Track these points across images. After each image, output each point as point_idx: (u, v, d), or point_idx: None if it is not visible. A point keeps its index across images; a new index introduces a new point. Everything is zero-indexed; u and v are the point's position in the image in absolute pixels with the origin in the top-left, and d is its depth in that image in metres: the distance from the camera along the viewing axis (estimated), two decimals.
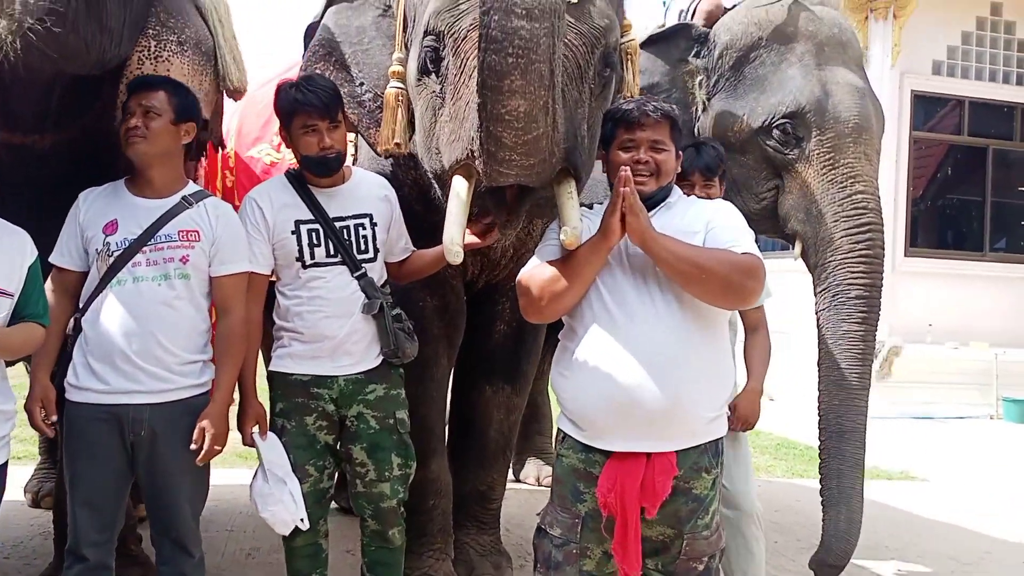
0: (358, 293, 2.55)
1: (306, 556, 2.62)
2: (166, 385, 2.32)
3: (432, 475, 3.02)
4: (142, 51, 2.48)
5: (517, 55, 1.84)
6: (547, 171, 2.08)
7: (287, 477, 2.50)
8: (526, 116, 1.91)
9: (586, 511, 2.06)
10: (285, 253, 2.54)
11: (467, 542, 3.23)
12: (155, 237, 2.33)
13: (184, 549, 2.39)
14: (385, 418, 2.61)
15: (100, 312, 2.31)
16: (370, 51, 2.83)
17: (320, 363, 2.54)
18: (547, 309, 2.11)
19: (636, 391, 1.98)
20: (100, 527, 2.33)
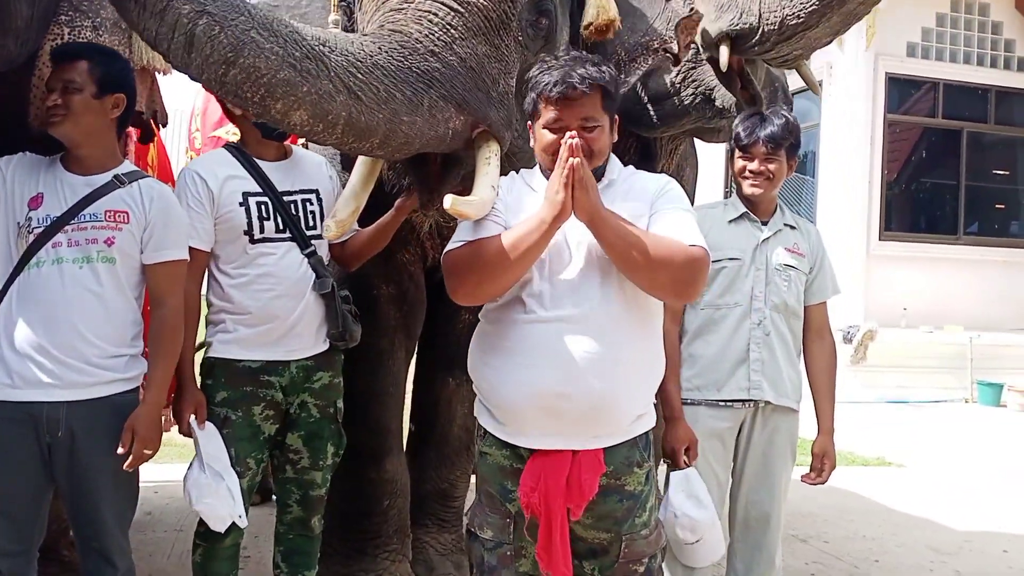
0: (309, 272, 2.40)
1: (228, 558, 2.45)
2: (87, 379, 2.12)
3: (388, 475, 2.85)
4: (55, 39, 2.29)
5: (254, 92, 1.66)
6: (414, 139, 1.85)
7: (225, 472, 2.32)
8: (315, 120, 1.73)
9: (517, 510, 1.89)
10: (231, 227, 2.36)
11: (427, 541, 3.08)
12: (79, 216, 2.14)
13: (109, 561, 2.19)
14: (326, 407, 2.49)
15: (15, 296, 2.12)
16: (307, 15, 2.66)
17: (271, 349, 2.38)
18: (479, 292, 1.89)
19: (566, 386, 1.80)
20: (14, 537, 2.13)
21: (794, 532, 4.11)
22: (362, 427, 2.67)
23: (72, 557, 2.87)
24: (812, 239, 2.65)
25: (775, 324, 2.54)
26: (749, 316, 2.51)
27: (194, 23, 1.58)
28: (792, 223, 2.63)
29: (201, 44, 1.59)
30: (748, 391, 2.50)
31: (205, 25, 1.57)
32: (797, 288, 2.57)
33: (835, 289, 2.69)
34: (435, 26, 1.90)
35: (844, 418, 3.07)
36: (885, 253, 9.26)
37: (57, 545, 2.72)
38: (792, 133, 2.53)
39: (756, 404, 2.53)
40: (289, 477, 2.50)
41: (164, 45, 1.62)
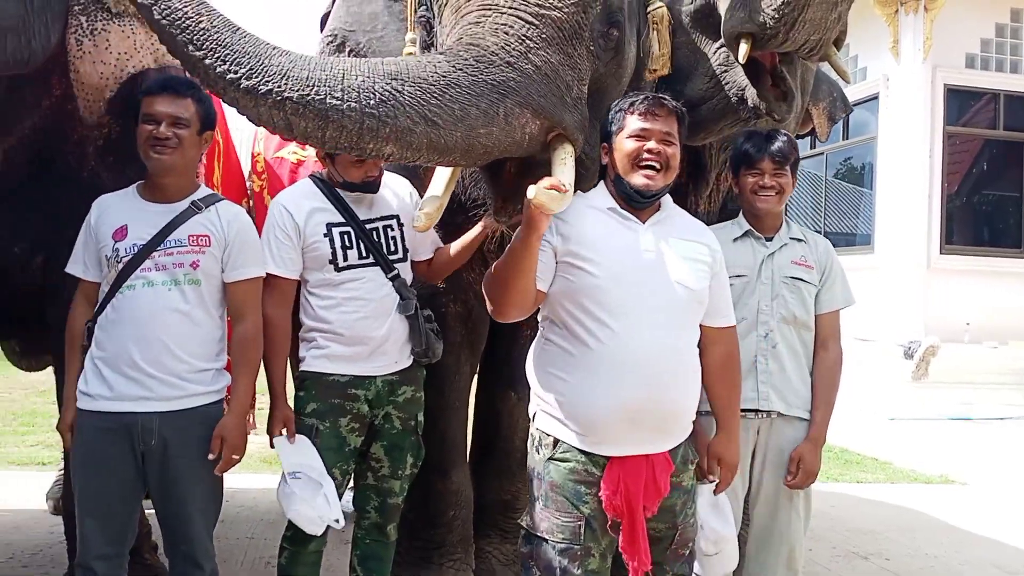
0: (393, 294, 2.55)
1: (311, 563, 2.58)
2: (177, 393, 2.27)
3: (453, 486, 2.95)
4: (74, 31, 2.38)
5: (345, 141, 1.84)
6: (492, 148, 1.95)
7: (322, 479, 2.45)
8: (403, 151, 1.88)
9: (589, 512, 2.04)
10: (317, 256, 2.51)
11: (490, 551, 3.16)
12: (164, 242, 2.29)
13: (196, 563, 2.33)
14: (408, 420, 2.63)
15: (110, 319, 2.28)
16: (384, 38, 2.76)
17: (359, 364, 2.52)
18: (501, 308, 2.10)
19: (648, 398, 2.01)
20: (109, 539, 2.28)
21: (855, 549, 4.09)
22: (429, 440, 2.75)
23: (154, 560, 3.02)
24: (820, 251, 2.69)
25: (784, 336, 2.59)
26: (756, 329, 2.57)
27: (283, 108, 1.76)
28: (800, 236, 2.69)
29: (296, 124, 1.78)
30: (757, 401, 2.56)
31: (292, 109, 1.76)
32: (805, 300, 2.62)
33: (847, 300, 2.70)
34: (511, 38, 1.98)
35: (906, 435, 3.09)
36: (946, 267, 9.10)
37: (140, 549, 2.84)
38: (795, 150, 2.65)
39: (768, 415, 2.57)
40: (369, 484, 2.63)
41: (270, 128, 1.83)
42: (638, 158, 2.07)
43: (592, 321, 2.03)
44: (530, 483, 2.15)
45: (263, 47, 1.77)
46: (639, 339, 2.01)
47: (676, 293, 2.07)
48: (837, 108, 3.68)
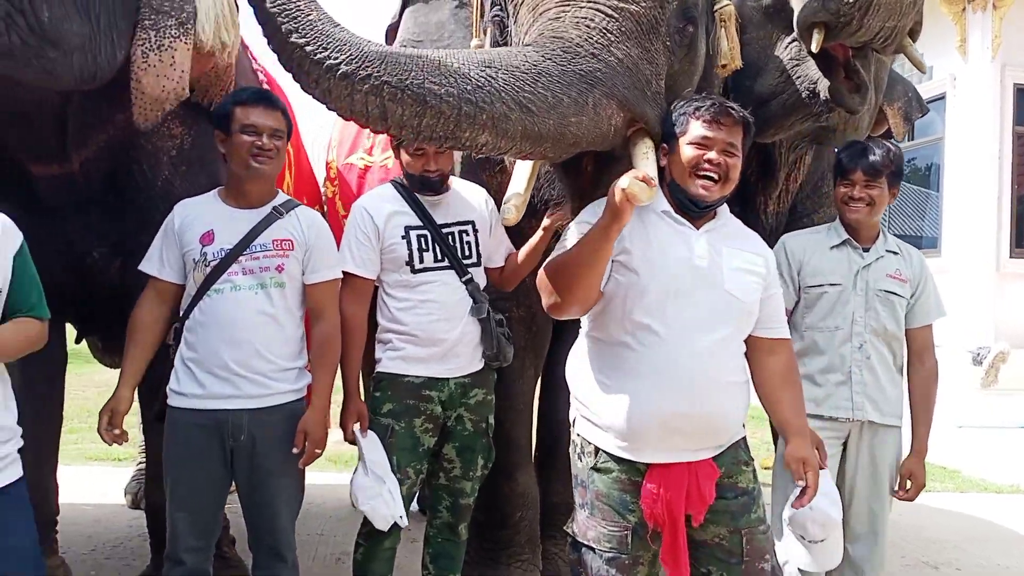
0: (466, 297, 2.61)
1: (386, 560, 2.65)
2: (265, 391, 2.36)
3: (520, 488, 3.00)
4: (142, 43, 2.43)
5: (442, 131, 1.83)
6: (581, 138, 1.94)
7: (386, 476, 2.53)
8: (498, 139, 1.87)
9: (635, 521, 2.01)
10: (395, 258, 2.59)
11: (556, 552, 3.19)
12: (250, 247, 2.38)
13: (279, 555, 2.42)
14: (479, 422, 2.68)
15: (199, 321, 2.37)
16: (451, 46, 2.80)
17: (432, 366, 2.59)
18: (564, 303, 2.03)
19: (690, 407, 1.97)
20: (198, 533, 2.38)
21: (926, 559, 4.02)
22: (495, 442, 2.79)
23: (232, 554, 3.13)
24: (915, 264, 2.69)
25: (875, 347, 2.60)
26: (850, 340, 2.58)
27: (380, 94, 1.76)
28: (895, 249, 2.68)
29: (393, 111, 1.78)
30: (851, 411, 2.58)
31: (389, 94, 1.76)
32: (897, 313, 2.63)
33: (940, 312, 2.71)
34: (593, 31, 1.98)
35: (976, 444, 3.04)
36: (1016, 270, 8.84)
37: (220, 543, 2.93)
38: (893, 162, 2.59)
39: (860, 422, 2.59)
40: (441, 484, 2.70)
41: (363, 119, 1.82)
42: (697, 167, 2.02)
43: (635, 325, 2.00)
44: (575, 489, 2.14)
45: (363, 40, 1.80)
46: (682, 346, 1.97)
47: (725, 302, 2.02)
48: (913, 108, 3.61)
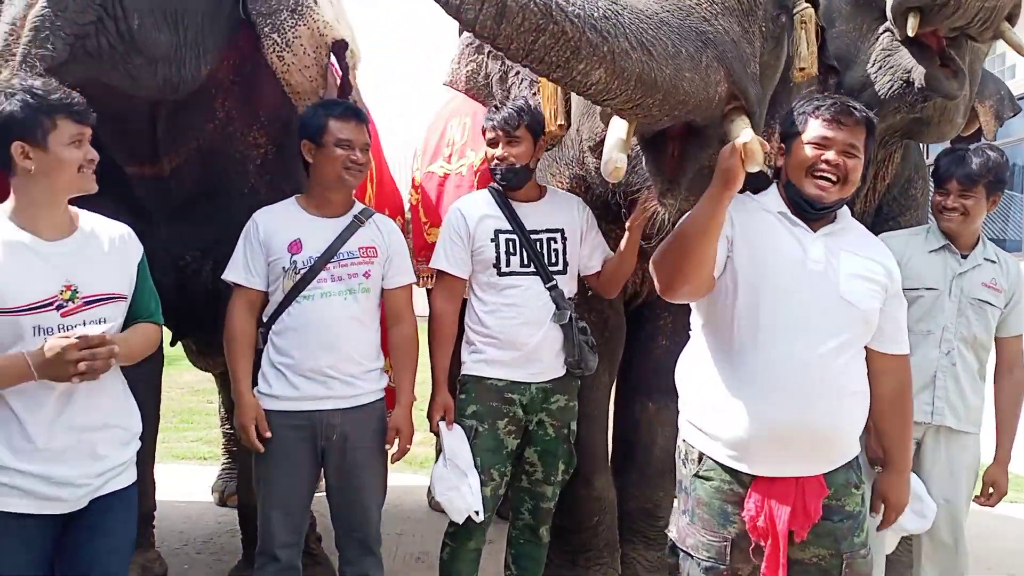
0: (549, 303, 2.66)
1: (470, 560, 2.72)
2: (354, 391, 2.48)
3: (596, 492, 3.03)
4: (273, 50, 2.53)
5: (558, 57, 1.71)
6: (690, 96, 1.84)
7: (468, 470, 2.60)
8: (612, 78, 1.75)
9: (736, 533, 1.97)
10: (483, 260, 2.67)
11: (635, 557, 3.21)
12: (338, 254, 2.48)
13: (368, 549, 2.53)
14: (561, 427, 2.73)
15: (289, 325, 2.47)
16: None
17: (514, 370, 2.65)
18: (674, 281, 1.95)
19: (799, 419, 1.90)
20: (291, 529, 2.49)
21: (1013, 571, 3.91)
22: None
23: (319, 550, 3.24)
24: (1011, 274, 2.65)
25: (962, 355, 2.58)
26: (939, 345, 2.56)
27: None
28: (993, 257, 2.64)
29: (512, 14, 1.62)
30: (930, 416, 2.56)
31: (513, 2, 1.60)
32: (988, 323, 2.60)
33: None
34: None
35: None
36: None
37: (308, 539, 3.03)
38: (991, 171, 2.54)
39: (936, 426, 2.57)
40: (523, 487, 2.76)
41: (471, 15, 1.63)
42: (814, 167, 1.96)
43: (744, 330, 1.96)
44: (678, 494, 2.13)
45: None
46: (793, 355, 1.90)
47: (841, 310, 1.94)
48: (1005, 107, 3.51)
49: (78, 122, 1.86)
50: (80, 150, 1.87)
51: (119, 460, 1.97)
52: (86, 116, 1.88)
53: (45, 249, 1.88)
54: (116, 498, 1.96)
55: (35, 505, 1.84)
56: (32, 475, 1.82)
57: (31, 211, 1.88)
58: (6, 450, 1.82)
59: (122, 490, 1.98)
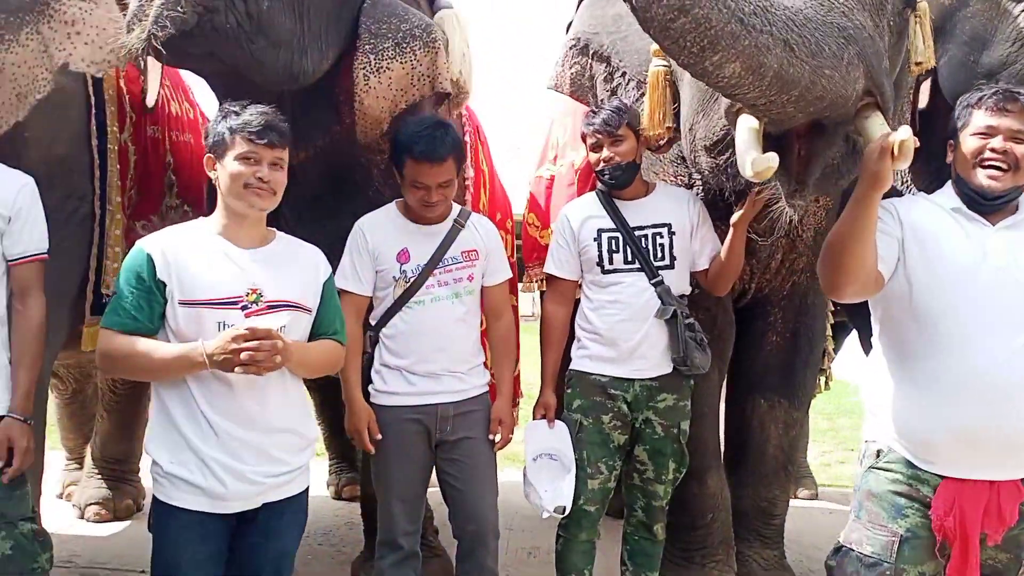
0: (654, 299, 2.66)
1: (583, 552, 2.76)
2: (465, 385, 2.58)
3: (710, 490, 3.03)
4: (363, 67, 2.60)
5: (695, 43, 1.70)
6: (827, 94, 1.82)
7: (570, 467, 2.66)
8: (747, 72, 1.75)
9: (905, 529, 1.92)
10: (588, 259, 2.72)
11: (751, 556, 3.19)
12: (443, 260, 2.57)
13: (483, 541, 2.60)
14: (670, 427, 2.73)
15: (401, 330, 2.57)
16: (629, 38, 2.85)
17: (617, 366, 2.68)
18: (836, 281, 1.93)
19: (991, 421, 1.84)
20: (411, 519, 2.60)
21: None
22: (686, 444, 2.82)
23: (435, 541, 3.33)
24: None
25: None
26: None
27: None
28: None
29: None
30: None
31: None
32: None
33: None
34: None
35: None
36: None
37: (426, 531, 3.13)
38: None
39: None
40: (635, 485, 2.79)
41: None
42: (981, 157, 1.93)
43: (926, 329, 1.92)
44: (853, 499, 2.07)
45: None
46: (980, 353, 1.85)
47: None
48: None
49: (251, 141, 1.99)
50: (249, 168, 2.00)
51: (294, 465, 2.05)
52: (263, 136, 1.99)
53: (237, 254, 2.02)
54: (288, 503, 2.04)
55: (209, 504, 1.94)
56: (209, 466, 1.93)
57: (226, 220, 2.05)
58: (192, 434, 1.94)
59: (294, 496, 2.06)
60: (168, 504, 1.96)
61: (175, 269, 1.96)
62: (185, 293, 1.95)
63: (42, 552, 2.14)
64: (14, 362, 2.17)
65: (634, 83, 2.85)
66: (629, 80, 2.88)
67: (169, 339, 1.97)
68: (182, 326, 1.95)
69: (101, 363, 2.05)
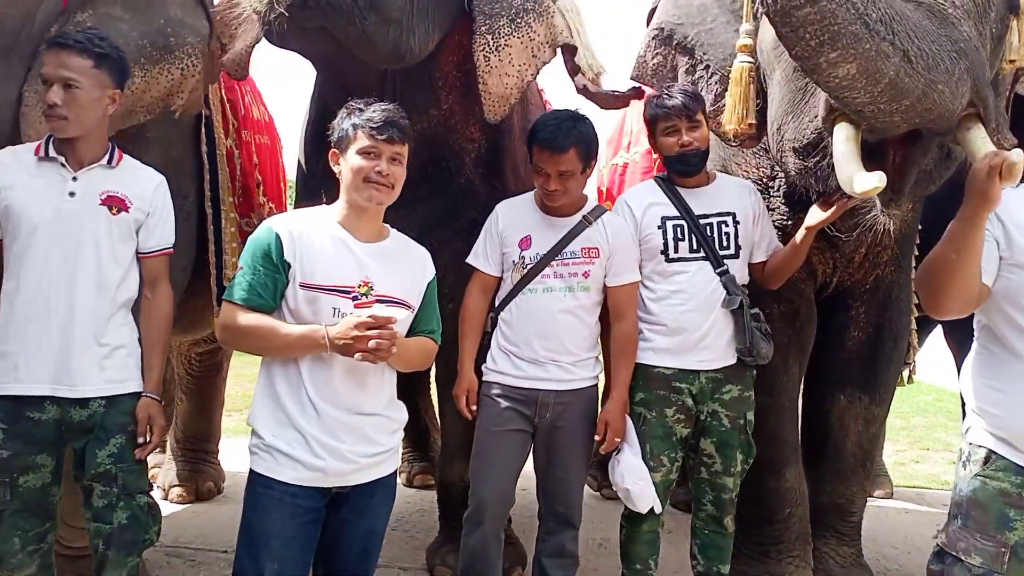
0: (720, 289, 2.64)
1: (647, 543, 2.75)
2: (568, 376, 2.61)
3: (787, 484, 3.00)
4: (483, 48, 2.65)
5: (814, 36, 1.68)
6: (935, 107, 1.79)
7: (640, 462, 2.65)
8: (861, 75, 1.73)
9: (1017, 540, 1.86)
10: (650, 247, 2.69)
11: (827, 552, 3.15)
12: (562, 253, 2.60)
13: (569, 522, 2.65)
14: (736, 418, 2.70)
15: (514, 313, 2.64)
16: (714, 30, 2.83)
17: (681, 357, 2.65)
18: (939, 301, 1.89)
19: None
20: (500, 499, 2.64)
21: None
22: (760, 439, 2.81)
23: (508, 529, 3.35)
24: None
25: None
26: None
27: None
28: None
29: None
30: None
31: None
32: None
33: None
34: (945, 1, 1.87)
35: None
36: None
37: None
38: None
39: None
40: (703, 478, 2.76)
41: None
42: None
43: None
44: (952, 499, 2.02)
45: None
46: None
47: None
48: None
49: (372, 136, 2.06)
50: (369, 162, 2.07)
51: (387, 446, 2.12)
52: (383, 132, 2.06)
53: (355, 247, 2.09)
54: (379, 484, 2.11)
55: (306, 477, 2.00)
56: (309, 443, 1.99)
57: (347, 212, 2.12)
58: (295, 411, 2.01)
59: (385, 477, 2.13)
60: (265, 476, 2.02)
61: (299, 251, 2.04)
62: (306, 276, 2.02)
63: (152, 524, 2.31)
64: (146, 347, 2.32)
65: (717, 77, 2.82)
66: (712, 73, 2.84)
67: (285, 319, 2.04)
68: (301, 307, 2.03)
69: (221, 335, 2.12)
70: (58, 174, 2.22)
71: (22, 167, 2.21)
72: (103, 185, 2.25)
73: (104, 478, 2.22)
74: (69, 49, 2.17)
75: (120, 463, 2.21)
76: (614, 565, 3.39)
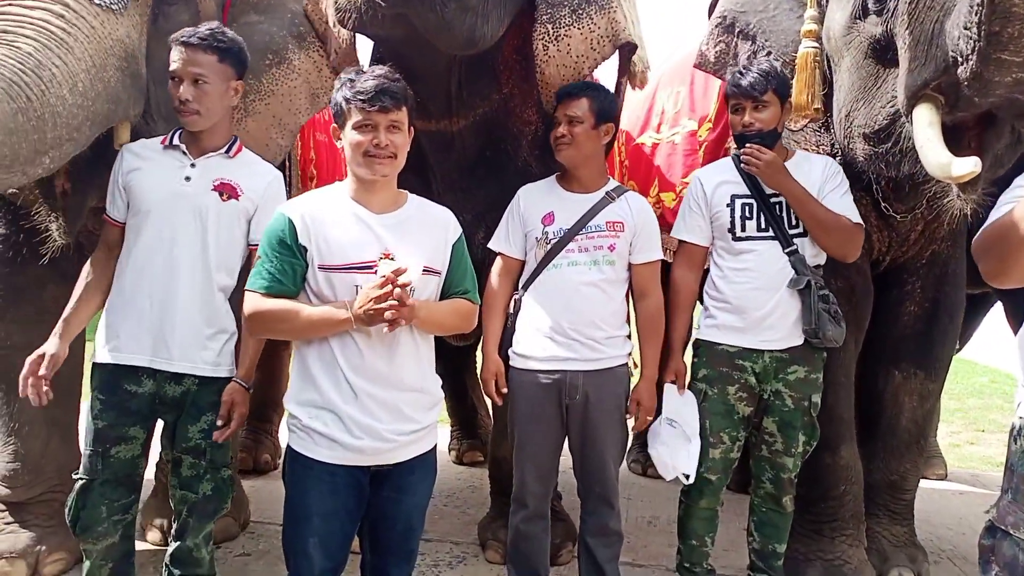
0: (787, 268, 2.61)
1: (704, 519, 2.76)
2: (597, 355, 2.60)
3: (843, 461, 2.97)
4: (542, 37, 2.66)
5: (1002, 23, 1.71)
6: None
7: (693, 436, 2.66)
8: None
9: None
10: (719, 225, 2.69)
11: (880, 531, 3.13)
12: (586, 227, 2.60)
13: (608, 501, 2.65)
14: (801, 399, 2.68)
15: (539, 292, 2.64)
16: (776, 17, 2.82)
17: (745, 336, 2.64)
18: (1006, 267, 1.79)
19: None
20: (541, 479, 2.67)
21: None
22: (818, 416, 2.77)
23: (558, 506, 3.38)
24: None
25: None
26: None
27: None
28: None
29: None
30: None
31: None
32: None
33: None
34: None
35: None
36: None
37: None
38: None
39: None
40: (763, 456, 2.76)
41: None
42: None
43: None
44: (1004, 474, 1.94)
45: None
46: None
47: None
48: None
49: (363, 109, 2.01)
50: (366, 136, 2.03)
51: (424, 423, 2.09)
52: (374, 102, 2.00)
53: (371, 220, 2.06)
54: (419, 460, 2.10)
55: (344, 456, 2.01)
56: (345, 423, 2.00)
57: (358, 186, 2.09)
58: (331, 390, 2.01)
59: (424, 454, 2.12)
60: (304, 456, 2.04)
61: (314, 234, 2.02)
62: (323, 258, 2.01)
63: (230, 495, 2.45)
64: (244, 334, 2.35)
65: (779, 64, 2.80)
66: (774, 59, 2.83)
67: (311, 301, 2.04)
68: (323, 288, 2.03)
69: (248, 324, 2.12)
70: (178, 160, 2.32)
71: (149, 154, 2.33)
72: (218, 172, 2.33)
73: (194, 452, 2.32)
74: (195, 46, 2.24)
75: (209, 439, 2.29)
76: (663, 542, 3.45)
